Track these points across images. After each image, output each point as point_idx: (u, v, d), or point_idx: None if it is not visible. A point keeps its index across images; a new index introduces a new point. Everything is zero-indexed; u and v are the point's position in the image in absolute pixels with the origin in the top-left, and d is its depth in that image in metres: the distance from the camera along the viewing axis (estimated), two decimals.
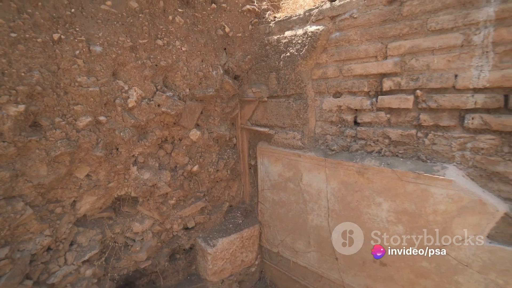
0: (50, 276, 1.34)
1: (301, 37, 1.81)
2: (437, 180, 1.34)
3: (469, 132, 1.33)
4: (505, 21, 1.17)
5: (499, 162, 1.26)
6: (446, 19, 1.30)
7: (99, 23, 1.34)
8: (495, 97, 1.24)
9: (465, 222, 1.30)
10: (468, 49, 1.27)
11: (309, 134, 1.91)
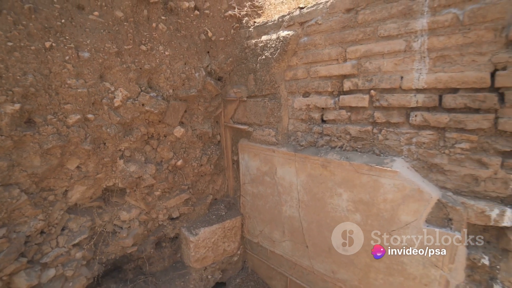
0: (43, 256, 1.51)
1: (275, 41, 1.97)
2: (386, 171, 1.50)
3: (414, 128, 1.49)
4: (435, 31, 1.33)
5: (437, 155, 1.42)
6: (392, 27, 1.46)
7: (87, 31, 1.52)
8: (431, 97, 1.40)
9: (408, 209, 1.46)
10: (410, 54, 1.43)
11: (282, 131, 2.07)
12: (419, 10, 1.37)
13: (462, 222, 1.34)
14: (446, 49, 1.33)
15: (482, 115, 1.27)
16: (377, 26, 1.52)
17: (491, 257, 1.31)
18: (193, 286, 2.16)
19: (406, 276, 1.53)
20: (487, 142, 1.28)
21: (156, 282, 2.02)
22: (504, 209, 1.24)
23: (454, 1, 1.27)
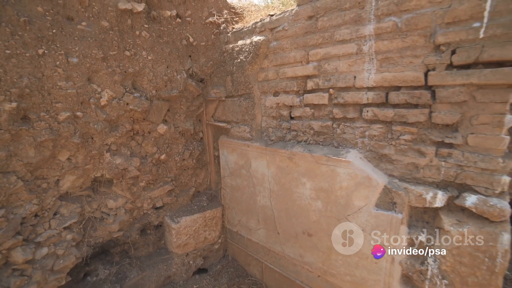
0: (37, 236, 1.71)
1: (248, 45, 2.16)
2: (341, 162, 1.66)
3: (366, 123, 1.65)
4: (380, 36, 1.50)
5: (385, 146, 1.58)
6: (345, 32, 1.63)
7: (75, 39, 1.73)
8: (379, 94, 1.56)
9: (360, 195, 1.62)
10: (360, 56, 1.60)
11: (256, 127, 2.25)
12: (367, 17, 1.54)
13: (404, 205, 1.50)
14: (389, 51, 1.49)
15: (419, 110, 1.43)
16: (333, 31, 1.70)
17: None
18: (175, 270, 2.34)
19: (360, 256, 1.69)
20: (425, 134, 1.44)
21: (140, 265, 2.21)
22: (436, 192, 1.39)
23: (394, 11, 1.44)
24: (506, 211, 1.23)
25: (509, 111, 1.22)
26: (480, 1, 1.20)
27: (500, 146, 1.23)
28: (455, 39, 1.28)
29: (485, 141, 1.27)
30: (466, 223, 1.34)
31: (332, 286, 1.90)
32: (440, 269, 1.44)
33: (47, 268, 1.70)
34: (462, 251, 1.36)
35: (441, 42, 1.31)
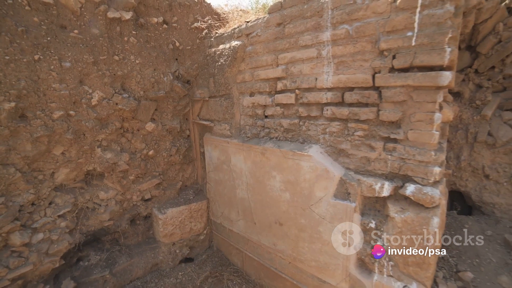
0: (34, 223, 1.92)
1: (228, 49, 2.34)
2: (303, 156, 1.83)
3: (327, 120, 1.82)
4: (336, 42, 1.67)
5: (343, 142, 1.74)
6: (307, 38, 1.80)
7: (68, 46, 1.93)
8: (336, 94, 1.73)
9: (320, 186, 1.79)
10: (320, 60, 1.77)
11: (235, 125, 2.43)
12: (325, 25, 1.71)
13: (356, 195, 1.66)
14: (344, 56, 1.66)
15: (369, 109, 1.59)
16: (298, 37, 1.87)
17: (377, 222, 1.62)
18: (162, 257, 2.54)
19: (323, 242, 1.85)
20: (374, 130, 1.61)
21: (129, 252, 2.41)
22: (383, 183, 1.56)
23: (346, 19, 1.61)
24: (436, 198, 1.39)
25: (438, 109, 1.39)
26: (411, 14, 1.36)
27: (432, 140, 1.39)
28: (395, 46, 1.44)
29: (421, 136, 1.43)
30: (407, 210, 1.50)
31: (301, 271, 2.07)
32: (387, 252, 1.60)
33: (42, 251, 1.91)
34: (404, 234, 1.51)
35: (384, 48, 1.48)
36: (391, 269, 1.60)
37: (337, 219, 1.73)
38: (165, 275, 2.50)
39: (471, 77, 2.18)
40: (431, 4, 1.32)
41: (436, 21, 1.31)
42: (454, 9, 1.28)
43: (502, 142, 1.97)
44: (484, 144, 2.06)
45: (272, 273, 2.31)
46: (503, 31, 1.95)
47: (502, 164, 1.99)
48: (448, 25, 1.29)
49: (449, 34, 1.28)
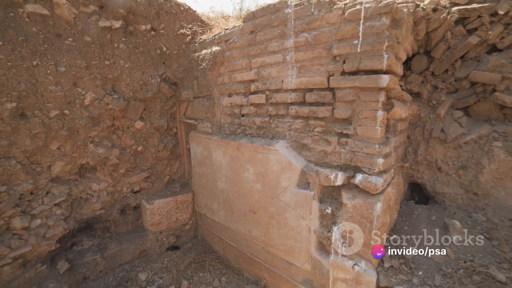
0: (32, 209, 2.15)
1: (209, 54, 2.56)
2: (271, 150, 2.05)
3: (292, 118, 2.03)
4: (298, 48, 1.88)
5: (305, 137, 1.95)
6: (275, 44, 2.02)
7: (63, 52, 2.16)
8: (299, 95, 1.94)
9: (285, 177, 2.00)
10: (286, 64, 1.98)
11: (216, 123, 2.65)
12: (289, 33, 1.93)
13: (315, 184, 1.87)
14: (304, 61, 1.87)
15: (325, 107, 1.80)
16: (267, 44, 2.08)
17: (333, 208, 1.83)
18: (150, 244, 2.76)
19: (289, 227, 2.06)
20: (330, 126, 1.82)
21: (119, 239, 2.64)
22: (337, 173, 1.76)
23: (305, 28, 1.82)
24: (379, 185, 1.60)
25: (381, 108, 1.59)
26: (356, 25, 1.57)
27: (376, 135, 1.60)
28: (344, 52, 1.65)
29: (367, 131, 1.63)
30: (357, 197, 1.71)
31: (272, 255, 2.28)
32: (341, 234, 1.80)
33: (40, 235, 2.14)
34: (354, 219, 1.72)
35: (336, 54, 1.69)
36: (344, 250, 1.81)
37: (299, 206, 1.94)
38: (152, 260, 2.73)
39: (429, 79, 2.37)
40: (371, 17, 1.53)
41: (375, 31, 1.52)
42: (389, 21, 1.49)
43: (451, 138, 2.17)
44: (437, 139, 2.25)
45: (248, 258, 2.53)
46: (451, 39, 2.15)
47: (452, 158, 2.19)
48: (385, 35, 1.50)
49: (386, 43, 1.49)
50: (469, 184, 2.13)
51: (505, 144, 1.98)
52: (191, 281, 2.52)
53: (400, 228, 1.98)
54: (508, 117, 2.07)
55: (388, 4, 1.46)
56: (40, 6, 1.97)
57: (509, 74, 1.98)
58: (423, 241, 1.83)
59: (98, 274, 2.41)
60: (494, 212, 2.03)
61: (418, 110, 2.40)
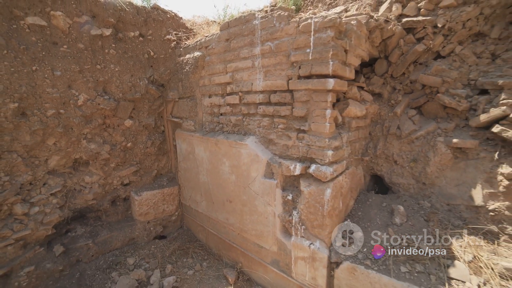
0: (31, 198, 2.42)
1: (192, 59, 2.83)
2: (242, 144, 2.31)
3: (260, 116, 2.30)
4: (264, 55, 2.14)
5: (271, 133, 2.22)
6: (246, 51, 2.28)
7: (59, 58, 2.43)
8: (265, 96, 2.21)
9: (254, 168, 2.26)
10: (254, 69, 2.25)
11: (198, 121, 2.92)
12: (256, 42, 2.20)
13: (278, 174, 2.13)
14: (269, 66, 2.14)
15: (286, 107, 2.07)
16: (239, 51, 2.35)
17: (294, 195, 2.09)
18: (138, 233, 3.02)
19: (258, 214, 2.33)
20: (291, 123, 2.08)
21: (110, 227, 2.90)
22: (296, 164, 2.03)
23: (269, 38, 2.09)
24: (328, 174, 1.86)
25: (329, 107, 1.86)
26: (308, 36, 1.84)
27: (325, 130, 1.87)
28: (300, 59, 1.92)
29: (319, 127, 1.90)
30: (312, 184, 1.97)
31: (246, 240, 2.54)
32: (300, 218, 2.07)
33: (38, 220, 2.40)
34: (310, 204, 1.98)
35: (293, 60, 1.96)
36: (302, 231, 2.07)
37: (266, 194, 2.21)
38: (140, 247, 2.99)
39: (388, 81, 2.64)
40: (319, 30, 1.80)
41: (323, 42, 1.79)
42: (334, 34, 1.76)
43: (405, 134, 2.43)
44: (394, 135, 2.52)
45: (227, 244, 2.79)
46: (403, 46, 2.42)
47: (406, 152, 2.45)
48: (331, 45, 1.77)
49: (331, 52, 1.76)
50: (418, 175, 2.40)
51: (445, 139, 2.24)
52: (174, 265, 2.78)
53: (355, 214, 2.24)
54: (450, 115, 2.34)
55: (332, 19, 1.73)
56: (38, 18, 2.24)
57: (448, 78, 2.25)
58: (372, 224, 2.09)
59: (90, 258, 2.67)
60: (437, 198, 2.30)
61: (379, 109, 2.66)
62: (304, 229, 2.06)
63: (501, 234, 1.93)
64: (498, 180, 1.99)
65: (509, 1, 1.98)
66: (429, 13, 2.33)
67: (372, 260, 1.85)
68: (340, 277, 1.93)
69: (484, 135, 2.13)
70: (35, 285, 2.28)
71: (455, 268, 1.71)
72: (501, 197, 1.97)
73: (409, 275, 1.72)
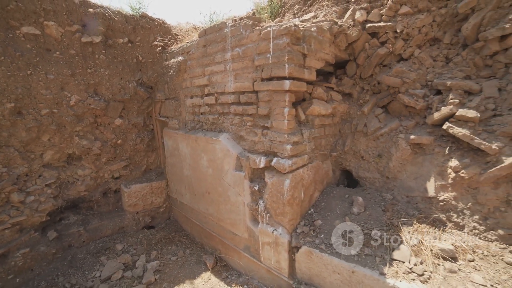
0: (27, 188, 2.68)
1: (175, 63, 3.06)
2: (217, 141, 2.53)
3: (232, 115, 2.51)
4: (234, 60, 2.35)
5: (241, 130, 2.43)
6: (219, 56, 2.50)
7: (52, 63, 2.69)
8: (236, 96, 2.42)
9: (227, 162, 2.48)
10: (226, 72, 2.46)
11: (182, 120, 3.15)
12: (228, 48, 2.41)
13: (246, 167, 2.34)
14: (238, 69, 2.35)
15: (252, 106, 2.28)
16: (214, 55, 2.57)
17: (260, 186, 2.30)
18: (127, 222, 3.27)
19: (231, 203, 2.54)
20: (257, 121, 2.29)
21: (101, 217, 3.15)
22: (261, 158, 2.23)
23: (237, 44, 2.30)
24: (287, 166, 2.06)
25: (287, 105, 2.06)
26: (268, 42, 2.05)
27: (284, 127, 2.07)
28: (262, 63, 2.12)
29: (279, 124, 2.10)
30: (274, 176, 2.18)
31: (223, 228, 2.76)
32: (265, 206, 2.27)
33: (33, 208, 2.66)
34: (273, 193, 2.19)
35: (257, 64, 2.16)
36: (268, 219, 2.28)
37: (237, 185, 2.42)
38: (129, 235, 3.23)
39: (357, 82, 2.83)
40: (277, 37, 2.00)
41: (280, 47, 1.99)
42: (289, 40, 1.96)
43: (371, 131, 2.62)
44: (361, 133, 2.70)
45: (208, 233, 3.01)
46: (369, 49, 2.60)
47: (372, 148, 2.63)
48: (286, 50, 1.97)
49: (287, 56, 1.96)
50: (383, 169, 2.58)
51: (405, 136, 2.42)
52: (159, 252, 3.01)
53: (319, 204, 2.43)
54: (411, 113, 2.51)
55: (287, 27, 1.93)
56: (33, 27, 2.50)
57: (407, 79, 2.43)
58: (332, 213, 2.28)
59: (81, 243, 2.93)
60: (398, 191, 2.47)
61: (349, 108, 2.85)
62: (269, 216, 2.27)
63: (448, 222, 2.11)
64: (448, 173, 2.16)
65: (455, 11, 2.15)
66: (390, 19, 2.51)
67: (327, 245, 2.04)
68: (300, 260, 2.13)
69: (439, 131, 2.31)
70: (30, 265, 2.54)
71: (399, 251, 1.89)
72: (449, 188, 2.15)
73: (357, 258, 1.91)
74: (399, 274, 1.72)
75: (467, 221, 2.04)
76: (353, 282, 1.83)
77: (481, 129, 2.04)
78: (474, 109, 2.06)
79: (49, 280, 2.54)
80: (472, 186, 2.04)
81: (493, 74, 2.11)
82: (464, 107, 2.11)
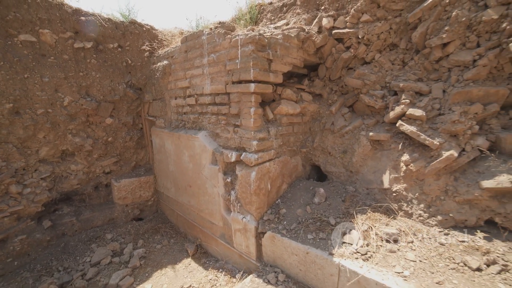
0: (24, 181, 2.94)
1: (161, 66, 3.32)
2: (195, 138, 2.78)
3: (210, 114, 2.76)
4: (210, 64, 2.60)
5: (217, 128, 2.67)
6: (198, 61, 2.75)
7: (47, 67, 2.96)
8: (212, 98, 2.66)
9: (204, 157, 2.73)
10: (204, 76, 2.71)
11: (168, 120, 3.41)
12: (205, 53, 2.66)
13: (220, 161, 2.59)
14: (214, 73, 2.60)
15: (225, 106, 2.53)
16: (194, 60, 2.82)
17: (232, 178, 2.54)
18: (117, 214, 3.53)
19: (208, 195, 2.79)
20: (229, 120, 2.53)
21: (92, 208, 3.41)
22: (232, 153, 2.48)
23: (212, 51, 2.55)
24: (253, 160, 2.30)
25: (253, 106, 2.30)
26: (237, 49, 2.29)
27: (251, 125, 2.31)
28: (232, 68, 2.37)
29: (247, 122, 2.35)
30: (243, 169, 2.42)
31: (203, 218, 3.01)
32: (236, 196, 2.52)
33: (30, 199, 2.93)
34: (242, 184, 2.43)
35: (228, 69, 2.41)
36: (238, 208, 2.52)
37: (213, 178, 2.67)
38: (119, 226, 3.49)
39: (327, 83, 3.07)
40: (244, 45, 2.25)
41: (246, 54, 2.24)
42: (254, 47, 2.20)
43: (337, 129, 2.85)
44: (329, 130, 2.94)
45: (190, 224, 3.26)
46: (335, 53, 2.84)
47: (338, 144, 2.87)
48: (252, 56, 2.22)
49: (252, 62, 2.21)
50: (347, 164, 2.81)
51: (366, 133, 2.65)
52: (146, 241, 3.27)
53: (286, 195, 2.68)
54: (373, 113, 2.75)
55: (251, 36, 2.18)
56: (29, 35, 2.77)
57: (368, 81, 2.66)
58: (296, 203, 2.53)
59: (74, 232, 3.19)
60: (360, 184, 2.71)
61: (319, 108, 3.09)
62: (239, 205, 2.51)
63: (399, 211, 2.34)
64: (400, 167, 2.40)
65: (407, 20, 2.39)
66: (353, 26, 2.74)
67: (288, 230, 2.28)
68: (265, 244, 2.37)
69: (395, 129, 2.54)
70: (27, 250, 2.81)
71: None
72: (401, 180, 2.38)
73: (313, 241, 2.15)
74: (345, 254, 1.95)
75: (414, 209, 2.28)
76: (307, 262, 2.07)
77: (427, 126, 2.27)
78: (422, 109, 2.30)
79: (44, 264, 2.80)
80: (419, 178, 2.27)
81: (440, 77, 2.34)
82: (414, 107, 2.34)
